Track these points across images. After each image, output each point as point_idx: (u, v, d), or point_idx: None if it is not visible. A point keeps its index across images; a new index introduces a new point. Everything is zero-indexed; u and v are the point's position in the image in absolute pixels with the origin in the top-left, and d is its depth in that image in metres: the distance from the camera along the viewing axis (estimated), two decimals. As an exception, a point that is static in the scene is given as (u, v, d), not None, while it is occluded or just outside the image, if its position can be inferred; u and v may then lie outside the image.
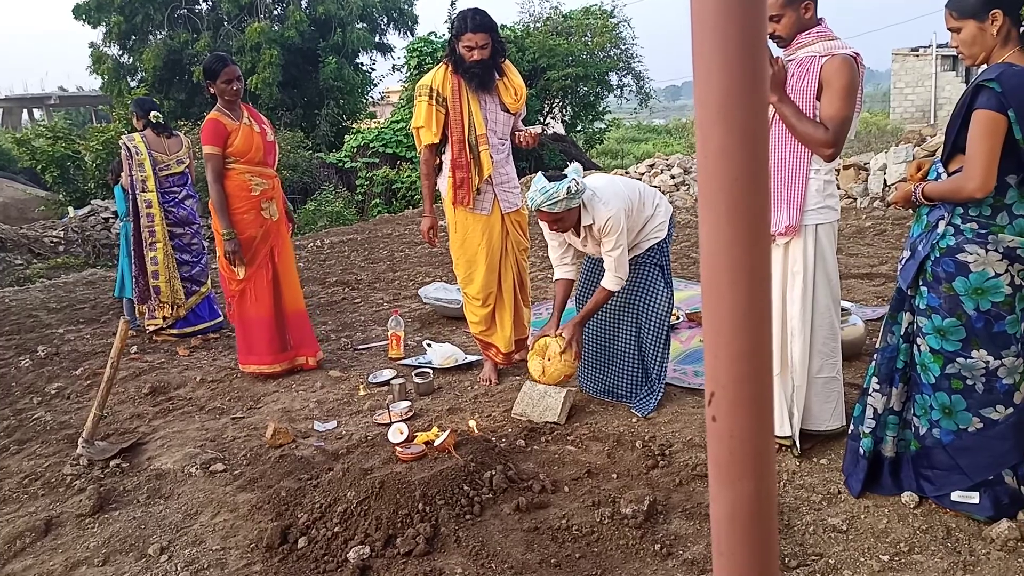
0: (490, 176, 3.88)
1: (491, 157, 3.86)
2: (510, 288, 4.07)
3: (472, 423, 3.42)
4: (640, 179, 11.63)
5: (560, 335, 3.57)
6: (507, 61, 3.95)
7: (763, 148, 0.54)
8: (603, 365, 3.76)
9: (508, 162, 4.02)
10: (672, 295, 3.67)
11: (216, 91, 4.27)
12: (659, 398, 3.60)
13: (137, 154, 5.22)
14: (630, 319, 3.65)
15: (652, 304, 3.60)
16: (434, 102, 3.81)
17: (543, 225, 3.48)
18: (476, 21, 3.69)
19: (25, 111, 33.29)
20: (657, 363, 3.62)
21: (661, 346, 3.63)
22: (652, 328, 3.61)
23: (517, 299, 4.13)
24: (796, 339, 2.88)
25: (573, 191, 3.24)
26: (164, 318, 5.36)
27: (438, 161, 4.02)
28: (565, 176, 3.27)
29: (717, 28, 0.53)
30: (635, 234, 3.57)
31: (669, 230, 3.65)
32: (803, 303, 2.85)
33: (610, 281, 3.48)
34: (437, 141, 3.89)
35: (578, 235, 3.50)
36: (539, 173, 3.35)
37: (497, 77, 3.87)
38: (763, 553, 0.63)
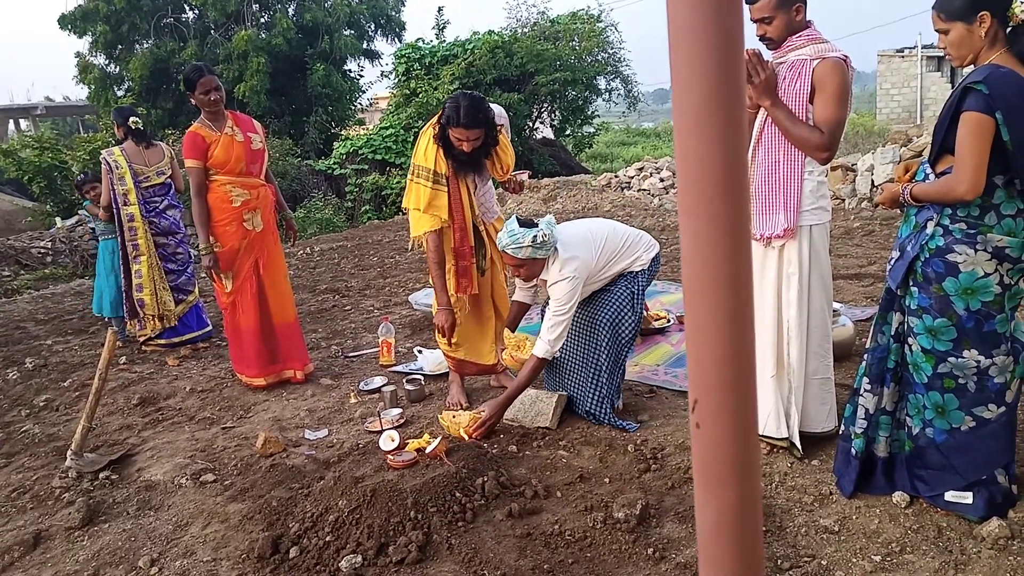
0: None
1: (492, 231, 3.69)
2: (487, 296, 3.92)
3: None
4: (630, 182, 11.61)
5: (480, 413, 3.44)
6: (502, 136, 3.66)
7: (741, 156, 0.54)
8: (556, 378, 3.69)
9: (488, 190, 3.86)
10: (639, 323, 3.50)
11: (196, 102, 4.24)
12: (604, 417, 3.45)
13: (117, 168, 5.17)
14: (586, 339, 3.52)
15: (617, 326, 3.45)
16: (433, 184, 3.52)
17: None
18: (470, 117, 3.35)
19: (11, 121, 33.06)
20: (605, 382, 3.45)
21: (610, 369, 3.46)
22: (609, 350, 3.45)
23: (497, 308, 3.99)
24: (794, 341, 2.88)
25: (539, 241, 3.20)
26: (153, 329, 5.32)
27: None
28: (537, 225, 3.24)
29: (693, 38, 0.53)
30: (612, 270, 3.48)
31: (652, 267, 3.51)
32: (799, 304, 2.85)
33: (540, 347, 3.33)
34: (447, 224, 3.59)
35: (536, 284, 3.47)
36: (513, 217, 3.33)
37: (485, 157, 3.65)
38: (749, 558, 0.63)
